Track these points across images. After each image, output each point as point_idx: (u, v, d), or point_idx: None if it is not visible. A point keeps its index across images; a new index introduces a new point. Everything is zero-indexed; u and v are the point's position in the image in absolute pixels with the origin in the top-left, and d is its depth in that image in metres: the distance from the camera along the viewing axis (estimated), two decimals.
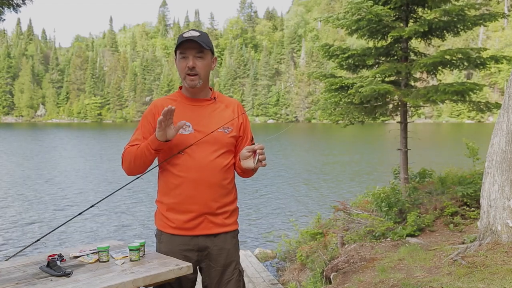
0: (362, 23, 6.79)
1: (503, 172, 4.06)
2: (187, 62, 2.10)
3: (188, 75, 2.11)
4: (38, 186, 16.39)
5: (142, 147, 2.07)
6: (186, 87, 2.17)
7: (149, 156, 2.07)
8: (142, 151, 2.07)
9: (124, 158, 2.14)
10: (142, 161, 2.08)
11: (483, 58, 6.70)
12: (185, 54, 2.11)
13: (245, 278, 2.32)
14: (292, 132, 56.31)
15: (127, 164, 2.13)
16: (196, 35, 2.09)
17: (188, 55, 2.10)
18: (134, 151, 2.09)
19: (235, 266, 2.22)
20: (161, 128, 1.98)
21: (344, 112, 7.54)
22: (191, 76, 2.11)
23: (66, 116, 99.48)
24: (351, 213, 7.29)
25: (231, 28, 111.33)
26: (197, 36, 2.09)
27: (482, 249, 3.99)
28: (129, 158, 2.11)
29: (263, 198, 14.22)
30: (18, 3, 5.46)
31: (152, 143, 2.03)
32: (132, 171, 2.15)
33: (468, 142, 7.43)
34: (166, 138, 2.02)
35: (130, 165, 2.12)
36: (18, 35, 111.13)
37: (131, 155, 2.10)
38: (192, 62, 2.09)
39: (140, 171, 2.15)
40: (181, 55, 2.12)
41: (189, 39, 2.07)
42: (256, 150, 2.09)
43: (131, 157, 2.10)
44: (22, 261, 2.09)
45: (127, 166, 2.14)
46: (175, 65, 2.24)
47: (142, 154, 2.07)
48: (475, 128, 51.41)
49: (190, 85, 2.13)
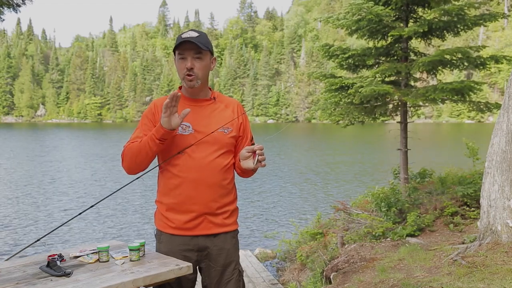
0: (362, 23, 6.79)
1: (503, 172, 4.07)
2: (186, 63, 2.10)
3: (187, 75, 2.11)
4: (38, 186, 16.39)
5: (146, 139, 2.04)
6: (186, 87, 2.18)
7: (153, 147, 2.03)
8: (145, 143, 2.04)
9: (124, 155, 2.11)
10: (145, 154, 2.05)
11: (483, 58, 6.70)
12: (183, 55, 2.11)
13: (245, 278, 2.32)
14: (292, 132, 56.33)
15: (128, 160, 2.10)
16: (194, 36, 2.09)
17: (187, 56, 2.10)
18: (137, 145, 2.06)
19: (234, 266, 2.22)
20: (167, 114, 1.96)
21: (344, 112, 7.54)
22: (189, 77, 2.11)
23: (66, 116, 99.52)
24: (351, 213, 7.29)
25: (231, 28, 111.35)
26: (195, 37, 2.09)
27: (482, 249, 3.99)
28: (130, 154, 2.08)
29: (263, 198, 14.22)
30: (18, 3, 5.46)
31: (157, 132, 2.01)
32: (133, 168, 2.11)
33: (468, 142, 7.42)
34: (171, 126, 2.00)
35: (131, 161, 2.09)
36: (18, 35, 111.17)
37: (133, 150, 2.07)
38: (190, 63, 2.09)
39: (141, 167, 2.11)
40: (179, 56, 2.12)
41: (187, 40, 2.07)
42: (256, 151, 2.09)
43: (133, 152, 2.07)
44: (22, 261, 2.09)
45: (128, 163, 2.10)
46: (174, 65, 2.25)
47: (145, 146, 2.03)
48: (475, 128, 51.44)
49: (189, 85, 2.14)
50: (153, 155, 2.07)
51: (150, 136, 2.03)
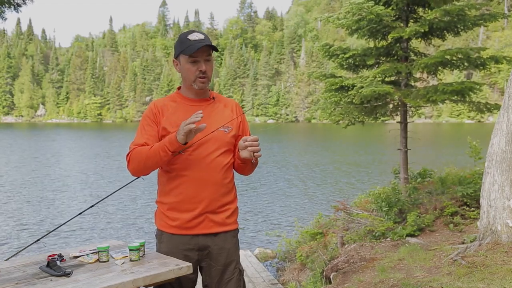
0: (363, 23, 6.78)
1: (503, 172, 4.06)
2: (199, 66, 2.11)
3: (200, 78, 2.13)
4: (38, 186, 16.39)
5: (157, 148, 2.03)
6: (196, 89, 2.17)
7: (164, 157, 2.02)
8: (156, 152, 2.02)
9: (132, 159, 2.09)
10: (154, 162, 2.04)
11: (483, 58, 6.69)
12: (197, 58, 2.11)
13: (245, 278, 2.32)
14: (292, 132, 56.32)
15: (136, 164, 2.08)
16: (203, 37, 2.11)
17: (200, 59, 2.11)
18: (146, 151, 2.05)
19: (235, 265, 2.23)
20: (186, 133, 1.95)
21: (344, 112, 7.53)
22: (202, 79, 2.13)
23: (66, 116, 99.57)
24: (351, 213, 7.29)
25: (231, 28, 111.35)
26: (204, 39, 2.11)
27: (482, 249, 3.99)
28: (138, 158, 2.06)
29: (263, 198, 14.22)
30: (19, 3, 5.46)
31: (171, 145, 1.99)
32: (140, 171, 2.11)
33: (472, 141, 7.40)
34: (186, 141, 2.00)
35: (139, 166, 2.08)
36: (18, 35, 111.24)
37: (142, 155, 2.05)
38: (205, 66, 2.12)
39: (148, 172, 2.11)
40: (192, 59, 2.11)
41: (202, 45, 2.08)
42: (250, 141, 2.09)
43: (142, 157, 2.05)
44: (22, 261, 2.09)
45: (136, 167, 2.09)
46: (174, 66, 2.24)
47: (156, 155, 2.02)
48: (475, 128, 51.40)
49: (201, 87, 2.16)
50: (164, 163, 2.08)
51: (162, 147, 2.01)
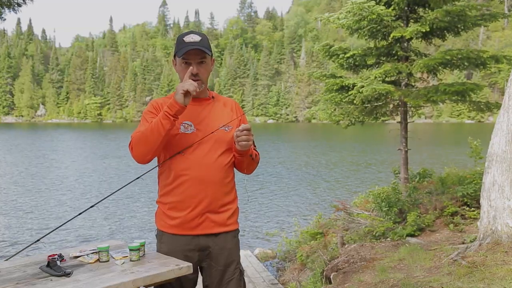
0: (363, 23, 6.78)
1: (503, 172, 4.06)
2: (191, 68, 2.09)
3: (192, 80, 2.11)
4: (38, 186, 16.39)
5: (157, 119, 2.01)
6: None
7: (166, 124, 1.98)
8: (157, 122, 2.00)
9: (134, 143, 2.06)
10: (157, 134, 1.99)
11: (484, 58, 6.69)
12: (188, 60, 2.11)
13: (245, 278, 2.32)
14: (292, 132, 56.32)
15: (139, 145, 2.04)
16: (197, 40, 2.09)
17: (191, 61, 2.11)
18: (148, 127, 2.02)
19: (236, 265, 2.22)
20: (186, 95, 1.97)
21: (344, 112, 7.54)
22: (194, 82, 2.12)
23: (66, 116, 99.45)
24: (351, 213, 7.29)
25: (231, 28, 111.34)
26: (199, 42, 2.09)
27: (482, 249, 3.99)
28: (141, 138, 2.04)
29: (263, 198, 14.22)
30: (19, 3, 5.46)
31: (171, 108, 1.98)
32: (144, 152, 2.05)
33: (473, 142, 7.39)
34: (184, 103, 1.99)
35: (144, 145, 2.03)
36: (18, 35, 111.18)
37: (144, 133, 2.02)
38: (196, 68, 2.10)
39: (153, 150, 2.05)
40: (183, 61, 2.12)
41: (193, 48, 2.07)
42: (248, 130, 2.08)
43: (144, 135, 2.02)
44: (22, 261, 2.08)
45: (140, 147, 2.04)
46: (173, 66, 2.25)
47: (157, 125, 1.99)
48: (475, 128, 51.37)
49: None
50: (165, 135, 2.01)
51: (162, 114, 2.00)
